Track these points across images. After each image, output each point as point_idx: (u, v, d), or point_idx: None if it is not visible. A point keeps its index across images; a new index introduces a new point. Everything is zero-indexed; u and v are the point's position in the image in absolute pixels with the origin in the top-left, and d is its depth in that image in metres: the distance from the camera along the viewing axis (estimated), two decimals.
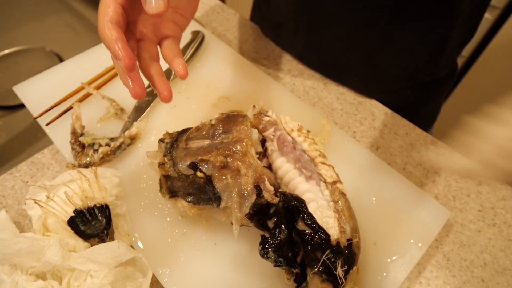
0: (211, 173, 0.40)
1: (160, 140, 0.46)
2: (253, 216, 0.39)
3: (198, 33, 0.69)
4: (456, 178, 0.57)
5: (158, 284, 0.44)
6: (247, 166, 0.40)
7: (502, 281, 0.48)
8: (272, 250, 0.38)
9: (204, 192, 0.41)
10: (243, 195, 0.39)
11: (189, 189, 0.42)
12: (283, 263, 0.38)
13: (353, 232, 0.40)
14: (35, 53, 0.95)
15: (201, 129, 0.45)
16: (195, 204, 0.42)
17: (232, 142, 0.41)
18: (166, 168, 0.42)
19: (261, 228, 0.40)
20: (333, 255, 0.37)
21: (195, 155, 0.41)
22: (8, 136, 0.78)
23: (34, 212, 0.44)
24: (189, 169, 0.41)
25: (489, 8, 1.20)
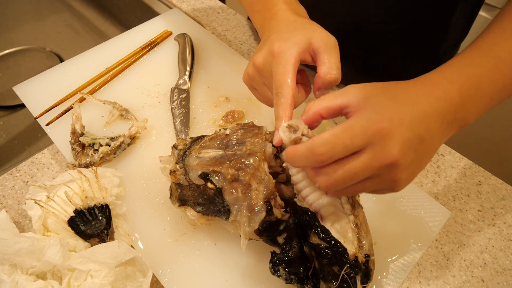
0: (221, 185, 0.39)
1: (173, 146, 0.45)
2: (262, 232, 0.38)
3: (184, 36, 0.69)
4: (456, 178, 0.57)
5: (158, 284, 0.44)
6: (258, 181, 0.39)
7: (502, 281, 0.48)
8: (283, 268, 0.37)
9: (213, 203, 0.41)
10: (253, 210, 0.38)
11: (199, 199, 0.41)
12: (295, 280, 0.37)
13: (370, 248, 0.39)
14: (35, 53, 0.95)
15: (215, 139, 0.44)
16: (204, 215, 0.42)
17: (245, 155, 0.40)
18: (177, 176, 0.42)
19: (270, 243, 0.39)
20: (352, 271, 0.36)
21: (207, 165, 0.41)
22: (8, 136, 0.78)
23: (34, 212, 0.44)
24: (200, 179, 0.41)
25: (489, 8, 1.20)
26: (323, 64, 0.39)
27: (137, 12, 0.92)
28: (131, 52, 0.67)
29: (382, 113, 0.29)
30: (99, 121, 0.57)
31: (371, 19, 0.57)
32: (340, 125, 0.30)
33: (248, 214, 0.38)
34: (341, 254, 0.36)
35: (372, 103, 0.30)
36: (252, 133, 0.43)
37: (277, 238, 0.39)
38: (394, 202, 0.51)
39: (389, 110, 0.30)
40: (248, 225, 0.38)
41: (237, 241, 0.46)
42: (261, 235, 0.38)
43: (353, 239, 0.37)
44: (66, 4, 1.07)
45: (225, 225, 0.42)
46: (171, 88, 0.61)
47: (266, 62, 0.40)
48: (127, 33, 0.71)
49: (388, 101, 0.30)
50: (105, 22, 1.03)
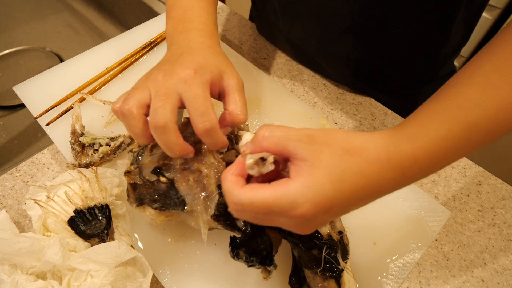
0: (173, 177, 0.39)
1: (129, 150, 0.45)
2: (219, 217, 0.38)
3: None
4: (456, 178, 0.57)
5: (158, 284, 0.44)
6: (208, 166, 0.39)
7: (502, 281, 0.48)
8: (243, 251, 0.36)
9: (168, 197, 0.40)
10: (207, 197, 0.38)
11: (155, 195, 0.41)
12: (256, 262, 0.37)
13: (340, 225, 0.40)
14: (35, 53, 0.95)
15: None
16: (161, 211, 0.41)
17: (192, 144, 0.40)
18: (132, 176, 0.42)
19: (230, 229, 0.38)
20: (331, 250, 0.37)
21: (158, 160, 0.41)
22: (8, 136, 0.78)
23: (34, 212, 0.44)
24: (152, 175, 0.41)
25: (489, 8, 1.20)
26: (233, 103, 0.38)
27: (137, 12, 0.92)
28: (131, 52, 0.67)
29: (316, 200, 0.27)
30: (99, 121, 0.57)
31: (372, 22, 0.57)
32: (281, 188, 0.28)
33: (203, 201, 0.38)
34: (315, 237, 0.36)
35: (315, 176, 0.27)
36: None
37: (236, 222, 0.38)
38: (394, 202, 0.51)
39: (324, 196, 0.27)
40: (205, 212, 0.38)
41: None
42: (218, 220, 0.38)
43: None
44: (66, 4, 1.07)
45: (185, 219, 0.42)
46: None
47: (172, 80, 0.36)
48: (127, 33, 0.71)
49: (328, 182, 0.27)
50: (105, 22, 1.03)
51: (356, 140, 0.29)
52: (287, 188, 0.27)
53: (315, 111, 0.61)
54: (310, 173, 0.27)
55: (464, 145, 0.30)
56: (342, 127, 0.62)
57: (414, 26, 0.56)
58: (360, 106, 0.65)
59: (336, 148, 0.28)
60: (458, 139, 0.30)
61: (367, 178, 0.28)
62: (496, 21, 1.23)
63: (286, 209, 0.27)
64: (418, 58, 0.63)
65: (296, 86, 0.68)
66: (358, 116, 0.64)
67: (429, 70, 0.66)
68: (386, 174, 0.29)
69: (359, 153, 0.28)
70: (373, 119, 0.64)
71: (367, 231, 0.48)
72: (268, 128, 0.30)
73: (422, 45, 0.60)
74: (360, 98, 0.67)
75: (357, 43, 0.61)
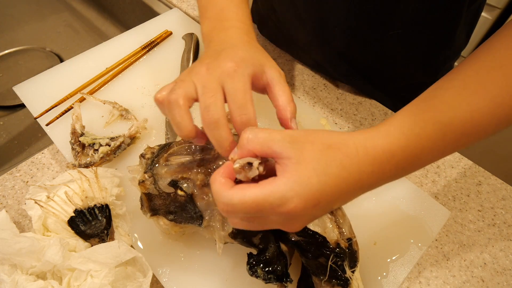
0: (192, 192, 0.39)
1: (141, 155, 0.44)
2: (236, 235, 0.38)
3: (191, 36, 0.69)
4: (456, 178, 0.57)
5: (158, 284, 0.44)
6: None
7: (502, 281, 0.48)
8: (261, 268, 0.37)
9: (185, 210, 0.40)
10: None
11: (171, 207, 0.41)
12: (273, 279, 0.37)
13: (350, 231, 0.40)
14: (35, 53, 0.95)
15: (183, 145, 0.43)
16: (177, 223, 0.41)
17: (213, 158, 0.40)
18: (146, 185, 0.41)
19: (246, 245, 0.39)
20: (338, 258, 0.36)
21: (175, 172, 0.40)
22: (8, 136, 0.78)
23: (34, 212, 0.44)
24: (169, 187, 0.40)
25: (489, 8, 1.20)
26: (280, 96, 0.38)
27: (137, 12, 0.92)
28: (131, 52, 0.67)
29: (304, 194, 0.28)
30: (99, 121, 0.57)
31: (372, 21, 0.57)
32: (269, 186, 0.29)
33: (221, 218, 0.38)
34: (323, 244, 0.36)
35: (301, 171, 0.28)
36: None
37: (253, 239, 0.38)
38: (394, 202, 0.51)
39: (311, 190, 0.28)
40: (222, 229, 0.38)
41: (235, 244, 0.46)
42: (235, 238, 0.38)
43: (333, 227, 0.38)
44: (66, 4, 1.07)
45: (199, 231, 0.41)
46: None
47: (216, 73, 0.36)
48: (127, 33, 0.71)
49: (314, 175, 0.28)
50: (105, 22, 1.03)
51: (336, 137, 0.31)
52: (275, 184, 0.28)
53: (315, 111, 0.61)
54: (296, 169, 0.28)
55: (440, 144, 0.32)
56: (342, 127, 0.62)
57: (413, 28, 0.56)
58: (360, 106, 0.65)
59: (318, 144, 0.30)
60: (432, 138, 0.31)
61: (348, 171, 0.29)
62: (496, 21, 1.23)
63: (276, 205, 0.28)
64: (418, 61, 0.63)
65: (296, 86, 0.68)
66: (358, 116, 0.64)
67: (429, 73, 0.66)
68: (365, 167, 0.30)
69: (339, 148, 0.30)
70: (373, 119, 0.64)
71: (367, 231, 0.48)
72: (251, 131, 0.31)
73: (422, 48, 0.60)
74: (360, 98, 0.67)
75: (357, 43, 0.61)
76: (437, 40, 0.59)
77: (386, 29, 0.57)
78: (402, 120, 0.32)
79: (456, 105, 0.32)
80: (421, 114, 0.32)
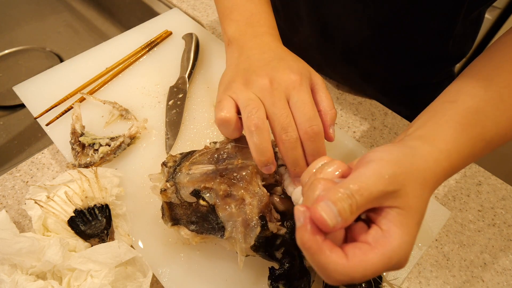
0: (214, 202, 0.38)
1: (163, 163, 0.43)
2: (258, 248, 0.37)
3: (191, 36, 0.69)
4: (456, 178, 0.57)
5: (158, 284, 0.44)
6: (252, 196, 0.38)
7: (502, 281, 0.48)
8: (283, 284, 0.36)
9: (207, 221, 0.39)
10: (248, 226, 0.37)
11: (192, 217, 0.40)
12: None
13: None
14: (35, 53, 0.95)
15: (205, 154, 0.43)
16: (198, 233, 0.40)
17: (236, 168, 0.39)
18: (168, 194, 0.40)
19: (268, 259, 0.38)
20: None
21: (198, 181, 0.40)
22: (8, 136, 0.78)
23: (34, 212, 0.44)
24: (191, 197, 0.39)
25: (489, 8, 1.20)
26: (324, 101, 0.39)
27: (137, 12, 0.92)
28: (131, 52, 0.67)
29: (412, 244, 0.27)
30: (99, 121, 0.57)
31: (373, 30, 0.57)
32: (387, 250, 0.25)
33: (243, 230, 0.37)
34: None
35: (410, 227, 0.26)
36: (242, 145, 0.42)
37: (275, 253, 0.38)
38: None
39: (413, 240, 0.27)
40: (244, 241, 0.37)
41: None
42: (257, 251, 0.37)
43: None
44: (66, 4, 1.07)
45: (221, 242, 0.41)
46: (170, 86, 0.62)
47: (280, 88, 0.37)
48: (127, 33, 0.71)
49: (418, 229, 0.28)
50: (105, 22, 1.03)
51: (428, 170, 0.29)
52: (392, 248, 0.26)
53: None
54: (405, 224, 0.26)
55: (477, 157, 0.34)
56: (342, 127, 0.62)
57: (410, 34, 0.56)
58: (360, 106, 0.65)
59: (416, 186, 0.28)
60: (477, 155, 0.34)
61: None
62: (496, 21, 1.23)
63: (394, 266, 0.26)
64: (417, 66, 0.63)
65: None
66: (358, 116, 0.64)
67: (427, 76, 0.66)
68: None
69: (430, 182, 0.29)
70: (373, 119, 0.64)
71: None
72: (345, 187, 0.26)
73: (421, 54, 0.60)
74: (360, 98, 0.67)
75: (358, 47, 0.61)
76: (431, 48, 0.59)
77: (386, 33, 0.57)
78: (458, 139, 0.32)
79: (498, 121, 0.33)
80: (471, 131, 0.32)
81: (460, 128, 0.32)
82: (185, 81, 0.62)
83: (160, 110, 0.59)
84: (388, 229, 0.26)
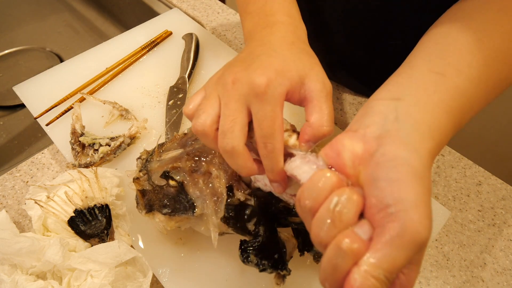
0: (182, 180, 0.39)
1: (137, 158, 0.44)
2: (229, 219, 0.37)
3: (191, 36, 0.69)
4: (456, 178, 0.57)
5: (158, 284, 0.44)
6: (217, 167, 0.38)
7: (502, 281, 0.48)
8: (254, 254, 0.35)
9: (178, 201, 0.40)
10: (217, 199, 0.37)
11: (164, 200, 0.40)
12: (267, 266, 0.35)
13: None
14: (35, 53, 0.95)
15: (174, 140, 0.43)
16: (171, 216, 0.40)
17: (202, 146, 0.40)
18: (141, 182, 0.41)
19: (241, 232, 0.38)
20: None
21: (167, 164, 0.40)
22: (8, 136, 0.78)
23: (34, 212, 0.44)
24: (161, 179, 0.40)
25: None
26: (316, 112, 0.32)
27: (137, 12, 0.92)
28: (131, 52, 0.67)
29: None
30: (99, 121, 0.57)
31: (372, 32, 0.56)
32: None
33: (213, 204, 0.38)
34: None
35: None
36: None
37: (247, 225, 0.37)
38: None
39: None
40: (215, 215, 0.37)
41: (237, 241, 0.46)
42: (228, 223, 0.37)
43: None
44: (66, 4, 1.07)
45: (195, 224, 0.41)
46: (170, 86, 0.62)
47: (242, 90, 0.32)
48: (127, 33, 0.71)
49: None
50: (105, 22, 1.03)
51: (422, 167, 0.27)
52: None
53: None
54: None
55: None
56: (342, 127, 0.62)
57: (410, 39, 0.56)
58: (360, 106, 0.65)
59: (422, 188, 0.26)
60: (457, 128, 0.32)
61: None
62: None
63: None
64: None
65: None
66: None
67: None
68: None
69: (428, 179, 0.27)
70: None
71: None
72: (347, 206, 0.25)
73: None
74: (360, 98, 0.67)
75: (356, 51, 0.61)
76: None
77: (386, 39, 0.57)
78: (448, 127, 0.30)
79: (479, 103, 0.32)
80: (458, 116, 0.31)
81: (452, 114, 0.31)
82: (185, 81, 0.62)
83: (160, 110, 0.59)
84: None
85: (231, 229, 0.38)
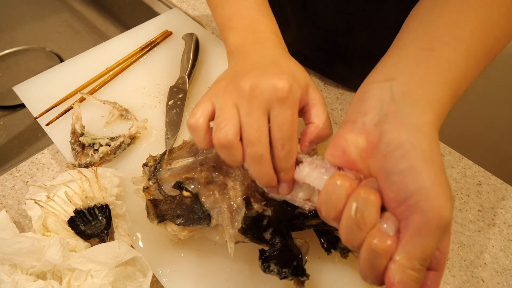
0: (197, 191, 0.39)
1: (143, 164, 0.44)
2: (246, 230, 0.37)
3: (191, 36, 0.69)
4: (456, 178, 0.57)
5: (158, 284, 0.44)
6: (233, 179, 0.38)
7: (502, 281, 0.48)
8: (274, 263, 0.36)
9: (193, 212, 0.39)
10: (233, 210, 0.37)
11: (177, 210, 0.40)
12: (288, 274, 0.36)
13: None
14: (35, 53, 0.95)
15: (184, 148, 0.43)
16: (185, 226, 0.40)
17: (215, 155, 0.40)
18: (151, 192, 0.40)
19: (258, 242, 0.38)
20: None
21: (179, 174, 0.40)
22: (8, 136, 0.78)
23: (34, 212, 0.44)
24: (174, 190, 0.39)
25: None
26: (319, 116, 0.36)
27: (137, 12, 0.92)
28: (131, 52, 0.67)
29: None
30: (99, 121, 0.57)
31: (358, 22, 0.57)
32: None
33: (229, 215, 0.37)
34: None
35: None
36: None
37: (264, 235, 0.38)
38: None
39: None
40: (231, 226, 0.37)
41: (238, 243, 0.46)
42: (245, 234, 0.37)
43: None
44: (66, 4, 1.07)
45: (209, 233, 0.41)
46: (170, 86, 0.62)
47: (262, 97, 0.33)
48: (127, 33, 0.71)
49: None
50: (105, 22, 1.03)
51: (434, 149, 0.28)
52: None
53: None
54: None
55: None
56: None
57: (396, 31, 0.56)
58: None
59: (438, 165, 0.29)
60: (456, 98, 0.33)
61: None
62: None
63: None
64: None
65: None
66: None
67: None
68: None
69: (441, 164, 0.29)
70: None
71: None
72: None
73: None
74: None
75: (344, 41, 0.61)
76: None
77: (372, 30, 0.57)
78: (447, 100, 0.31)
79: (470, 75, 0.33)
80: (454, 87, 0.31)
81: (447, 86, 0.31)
82: (185, 81, 0.62)
83: (160, 110, 0.59)
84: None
85: (248, 239, 0.38)
